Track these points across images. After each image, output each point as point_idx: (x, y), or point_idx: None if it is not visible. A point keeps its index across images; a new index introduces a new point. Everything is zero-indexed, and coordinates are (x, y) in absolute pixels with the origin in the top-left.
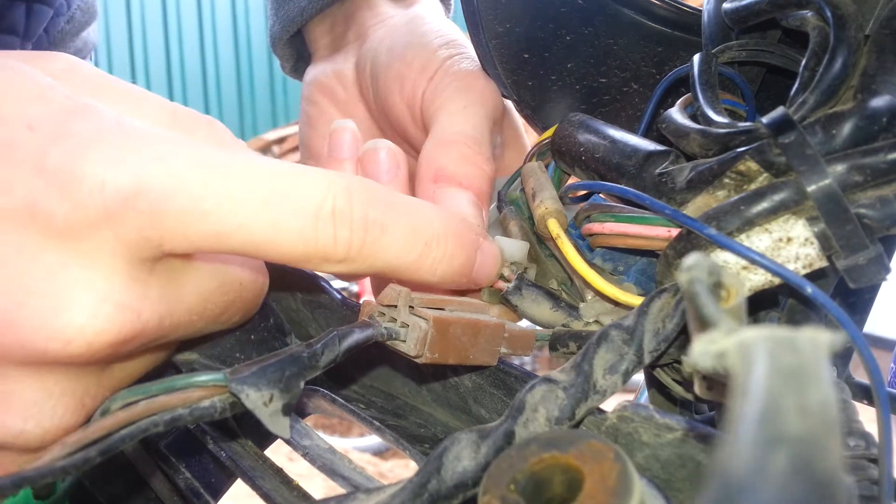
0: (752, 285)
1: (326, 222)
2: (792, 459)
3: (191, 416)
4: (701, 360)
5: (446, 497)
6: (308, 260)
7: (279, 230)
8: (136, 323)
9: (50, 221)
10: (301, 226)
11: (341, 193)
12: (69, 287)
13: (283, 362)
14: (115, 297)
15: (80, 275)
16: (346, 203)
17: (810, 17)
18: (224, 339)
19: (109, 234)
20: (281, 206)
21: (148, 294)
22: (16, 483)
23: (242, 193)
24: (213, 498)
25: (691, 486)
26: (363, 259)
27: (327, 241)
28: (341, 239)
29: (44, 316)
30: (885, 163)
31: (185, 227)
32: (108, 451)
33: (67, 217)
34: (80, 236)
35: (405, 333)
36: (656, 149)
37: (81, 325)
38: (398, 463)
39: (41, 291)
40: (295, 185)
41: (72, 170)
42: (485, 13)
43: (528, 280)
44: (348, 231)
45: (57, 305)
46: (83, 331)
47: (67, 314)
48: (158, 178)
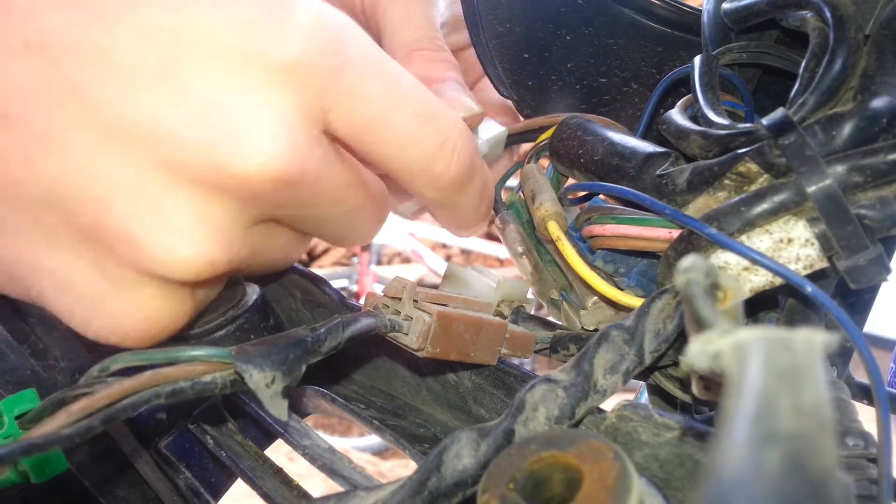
0: (753, 286)
1: (447, 153)
2: (786, 458)
3: (192, 390)
4: (697, 360)
5: (446, 495)
6: (417, 177)
7: (416, 143)
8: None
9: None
10: (431, 147)
11: (462, 137)
12: (259, 114)
13: (288, 345)
14: (293, 135)
15: (270, 104)
16: (463, 147)
17: (810, 18)
18: (223, 340)
19: (302, 77)
20: (426, 123)
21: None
22: (24, 450)
23: (404, 98)
24: (213, 498)
25: (690, 484)
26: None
27: (443, 168)
28: (452, 171)
29: (231, 132)
30: (885, 163)
31: (354, 105)
32: (110, 420)
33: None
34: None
35: (408, 326)
36: (655, 150)
37: (262, 147)
38: (398, 463)
39: (233, 111)
40: (436, 111)
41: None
42: (485, 13)
43: (524, 313)
44: (457, 168)
45: (245, 125)
46: (262, 152)
47: (253, 134)
48: (351, 48)
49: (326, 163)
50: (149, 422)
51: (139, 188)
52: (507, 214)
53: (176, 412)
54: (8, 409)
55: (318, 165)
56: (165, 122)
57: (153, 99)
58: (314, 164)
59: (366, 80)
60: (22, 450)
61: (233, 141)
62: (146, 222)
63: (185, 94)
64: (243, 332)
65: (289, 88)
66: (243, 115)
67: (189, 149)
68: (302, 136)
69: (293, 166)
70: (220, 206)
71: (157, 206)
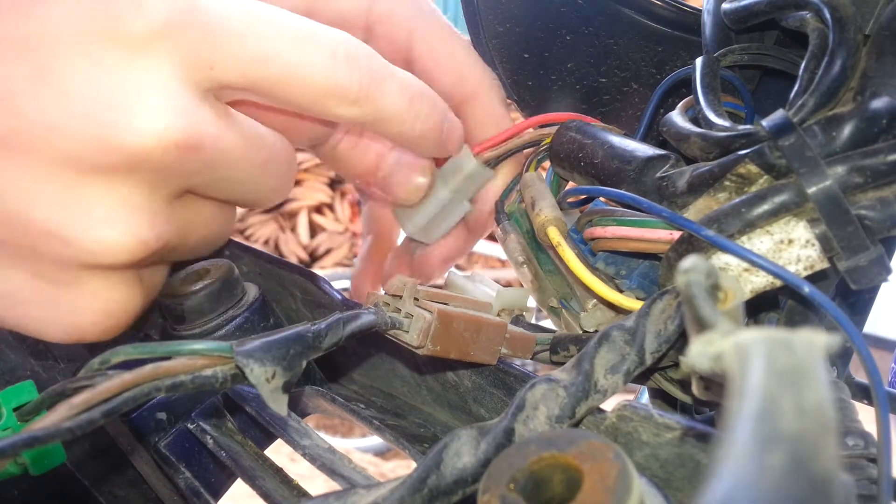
0: (754, 287)
1: (342, 62)
2: (788, 459)
3: (192, 384)
4: (698, 361)
5: (446, 493)
6: (327, 98)
7: (307, 63)
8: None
9: (120, 30)
10: (325, 62)
11: (352, 43)
12: (140, 87)
13: (288, 340)
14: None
15: (148, 78)
16: (356, 51)
17: (809, 19)
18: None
19: (171, 43)
20: (308, 42)
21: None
22: (27, 442)
23: (278, 27)
24: (213, 498)
25: (690, 484)
26: (370, 102)
27: (344, 78)
28: (355, 78)
29: (119, 113)
30: (885, 164)
31: (231, 50)
32: (111, 413)
33: (135, 26)
34: (145, 44)
35: (409, 324)
36: (655, 153)
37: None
38: (400, 463)
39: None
40: (316, 29)
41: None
42: (485, 13)
43: (524, 322)
44: (359, 72)
45: (130, 103)
46: (154, 124)
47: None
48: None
49: (224, 122)
50: (148, 421)
51: (50, 190)
52: (507, 224)
53: (175, 412)
54: (6, 400)
55: (215, 126)
56: (55, 122)
57: (36, 104)
58: (211, 125)
59: (234, 26)
60: (24, 442)
61: (123, 121)
62: (68, 219)
63: (66, 90)
64: (243, 331)
65: (161, 58)
66: (126, 95)
67: (85, 140)
68: (190, 100)
69: (189, 130)
70: (134, 185)
71: (73, 201)
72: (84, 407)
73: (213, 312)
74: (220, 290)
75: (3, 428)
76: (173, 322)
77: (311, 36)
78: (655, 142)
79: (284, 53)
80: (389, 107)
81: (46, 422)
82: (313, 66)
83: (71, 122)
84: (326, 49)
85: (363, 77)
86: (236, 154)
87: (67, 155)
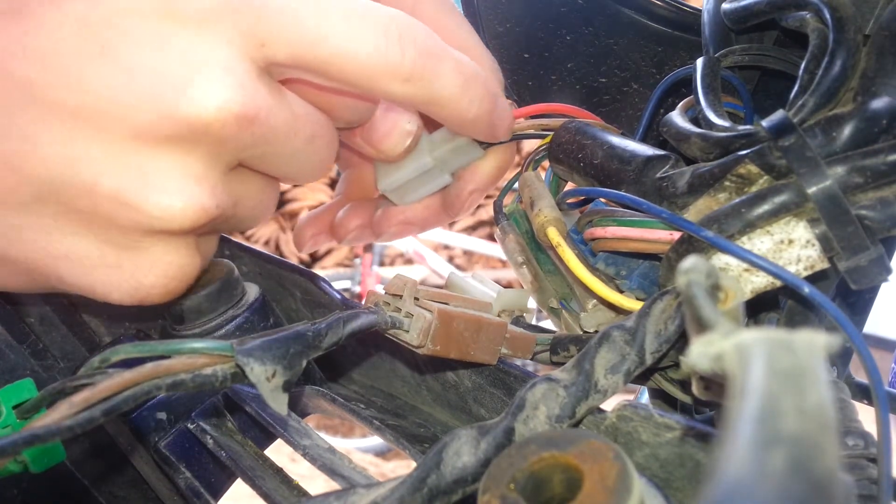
0: (754, 287)
1: (394, 41)
2: (789, 460)
3: (192, 383)
4: (698, 361)
5: (445, 492)
6: (379, 75)
7: (358, 42)
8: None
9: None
10: (376, 41)
11: (407, 21)
12: (200, 63)
13: (289, 339)
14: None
15: (207, 54)
16: (411, 30)
17: (809, 19)
18: (223, 339)
19: (228, 23)
20: (360, 22)
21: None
22: (27, 440)
23: (328, 6)
24: (213, 498)
25: (690, 484)
26: (423, 82)
27: (396, 56)
28: (408, 56)
29: (182, 87)
30: (885, 164)
31: (282, 29)
32: (112, 411)
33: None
34: (205, 23)
35: (409, 323)
36: (655, 153)
37: (213, 92)
38: (400, 464)
39: (178, 69)
40: (369, 8)
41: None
42: (485, 13)
43: (524, 323)
44: (413, 51)
45: (192, 78)
46: (215, 96)
47: (201, 83)
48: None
49: (276, 98)
50: (148, 421)
51: (119, 160)
52: (506, 225)
53: (175, 412)
54: (5, 398)
55: (268, 101)
56: (122, 97)
57: (103, 80)
58: (264, 100)
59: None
60: (24, 440)
61: (186, 94)
62: (135, 188)
63: (131, 67)
64: (243, 331)
65: (218, 35)
66: (188, 71)
67: (150, 113)
68: (246, 75)
69: (247, 104)
70: (195, 156)
71: (140, 170)
72: (84, 405)
73: (213, 312)
74: (220, 290)
75: (3, 426)
76: (173, 322)
77: (363, 14)
78: (655, 142)
79: (335, 32)
80: (444, 87)
81: (47, 420)
82: (364, 44)
83: (136, 96)
84: (379, 27)
85: (417, 56)
86: (285, 129)
87: (134, 127)
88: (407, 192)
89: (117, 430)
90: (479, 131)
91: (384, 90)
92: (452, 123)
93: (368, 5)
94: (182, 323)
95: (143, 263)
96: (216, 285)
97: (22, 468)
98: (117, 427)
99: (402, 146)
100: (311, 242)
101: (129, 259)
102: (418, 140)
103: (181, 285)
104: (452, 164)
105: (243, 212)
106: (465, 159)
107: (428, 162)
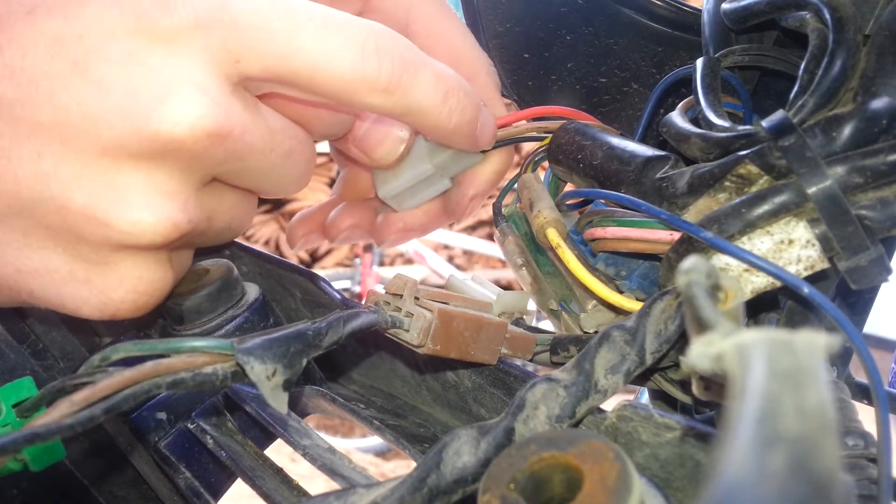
0: (754, 287)
1: (371, 54)
2: (790, 460)
3: (192, 381)
4: (699, 361)
5: (445, 492)
6: (356, 89)
7: (333, 56)
8: (224, 123)
9: (152, 28)
10: (351, 54)
11: (383, 34)
12: (173, 80)
13: (289, 338)
14: (211, 93)
15: (180, 71)
16: (387, 42)
17: (809, 19)
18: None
19: (200, 40)
20: (335, 35)
21: (233, 106)
22: (28, 439)
23: (302, 21)
24: (213, 498)
25: (690, 484)
26: (401, 93)
27: (373, 69)
28: (384, 69)
29: (154, 104)
30: (885, 164)
31: (256, 44)
32: (112, 410)
33: (166, 24)
34: (176, 41)
35: (409, 323)
36: (655, 154)
37: (185, 109)
38: (400, 464)
39: (150, 86)
40: (345, 20)
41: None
42: (485, 13)
43: (524, 325)
44: (390, 63)
45: (164, 95)
46: (187, 113)
47: (174, 100)
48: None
49: (251, 114)
50: (148, 421)
51: (89, 176)
52: (505, 227)
53: (175, 412)
54: (5, 397)
55: (243, 117)
56: (94, 114)
57: (75, 96)
58: (238, 116)
59: (258, 21)
60: (25, 439)
61: (158, 111)
62: (106, 203)
63: (103, 84)
64: (243, 331)
65: (191, 52)
66: (160, 88)
67: (122, 130)
68: (220, 92)
69: (220, 120)
70: (167, 172)
71: (111, 186)
72: (85, 403)
73: (213, 312)
74: (220, 291)
75: (3, 424)
76: (173, 322)
77: (338, 27)
78: (655, 142)
79: (308, 45)
80: (422, 98)
81: (48, 418)
82: (339, 57)
83: (108, 113)
84: (354, 39)
85: (394, 67)
86: (261, 145)
87: (105, 144)
88: (406, 198)
89: (117, 429)
90: (461, 141)
91: (362, 102)
92: (433, 134)
93: (344, 18)
94: (182, 323)
95: (112, 279)
96: (216, 285)
97: (22, 466)
98: (117, 427)
99: (395, 154)
100: (303, 241)
101: (98, 274)
102: (411, 147)
103: (152, 300)
104: (452, 168)
105: (218, 226)
106: (465, 164)
107: (428, 168)
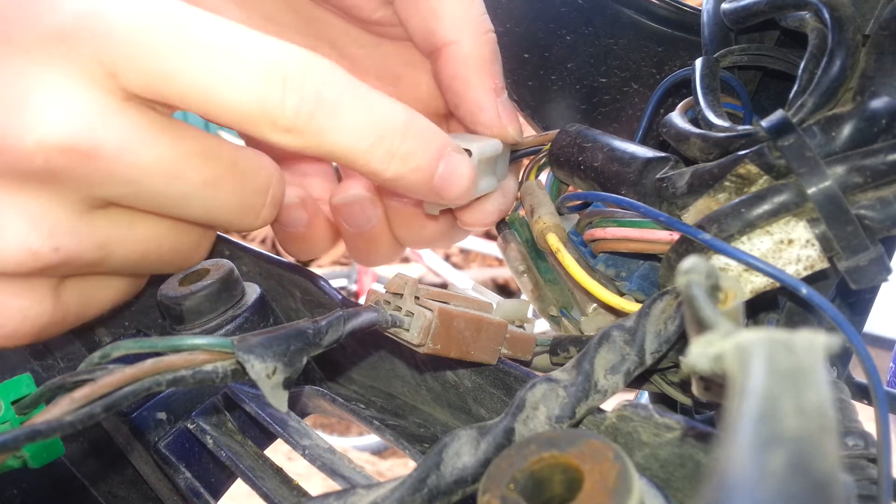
0: (754, 287)
1: (276, 85)
2: (789, 460)
3: (192, 379)
4: (698, 361)
5: (445, 492)
6: (255, 120)
7: (227, 82)
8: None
9: (16, 36)
10: (247, 83)
11: (297, 65)
12: (29, 94)
13: (289, 336)
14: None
15: (39, 84)
16: (300, 74)
17: (809, 19)
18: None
19: (64, 49)
20: (230, 59)
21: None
22: (28, 436)
23: (191, 42)
24: (213, 498)
25: (691, 485)
26: (312, 134)
27: (274, 102)
28: (289, 105)
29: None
30: (884, 164)
31: (137, 60)
32: (112, 407)
33: (31, 31)
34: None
35: (409, 322)
36: (655, 155)
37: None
38: (397, 462)
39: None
40: (251, 46)
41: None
42: None
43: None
44: (297, 98)
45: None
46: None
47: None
48: (116, 6)
49: (142, 132)
50: (148, 421)
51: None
52: (508, 234)
53: (175, 411)
54: (4, 394)
55: (122, 134)
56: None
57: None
58: (114, 133)
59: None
60: (26, 436)
61: (6, 125)
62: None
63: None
64: (243, 331)
65: (57, 63)
66: (14, 99)
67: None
68: (92, 105)
69: (78, 136)
70: (28, 193)
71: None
72: (85, 401)
73: (213, 312)
74: (220, 291)
75: (2, 421)
76: (173, 322)
77: (237, 52)
78: (655, 143)
79: (197, 69)
80: (344, 141)
81: (48, 415)
82: (234, 86)
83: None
84: (255, 68)
85: (302, 103)
86: (159, 167)
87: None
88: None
89: (116, 429)
90: (414, 192)
91: (265, 138)
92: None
93: (254, 43)
94: (182, 323)
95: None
96: (216, 285)
97: (21, 464)
98: (116, 426)
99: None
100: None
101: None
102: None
103: (31, 330)
104: (501, 171)
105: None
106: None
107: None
